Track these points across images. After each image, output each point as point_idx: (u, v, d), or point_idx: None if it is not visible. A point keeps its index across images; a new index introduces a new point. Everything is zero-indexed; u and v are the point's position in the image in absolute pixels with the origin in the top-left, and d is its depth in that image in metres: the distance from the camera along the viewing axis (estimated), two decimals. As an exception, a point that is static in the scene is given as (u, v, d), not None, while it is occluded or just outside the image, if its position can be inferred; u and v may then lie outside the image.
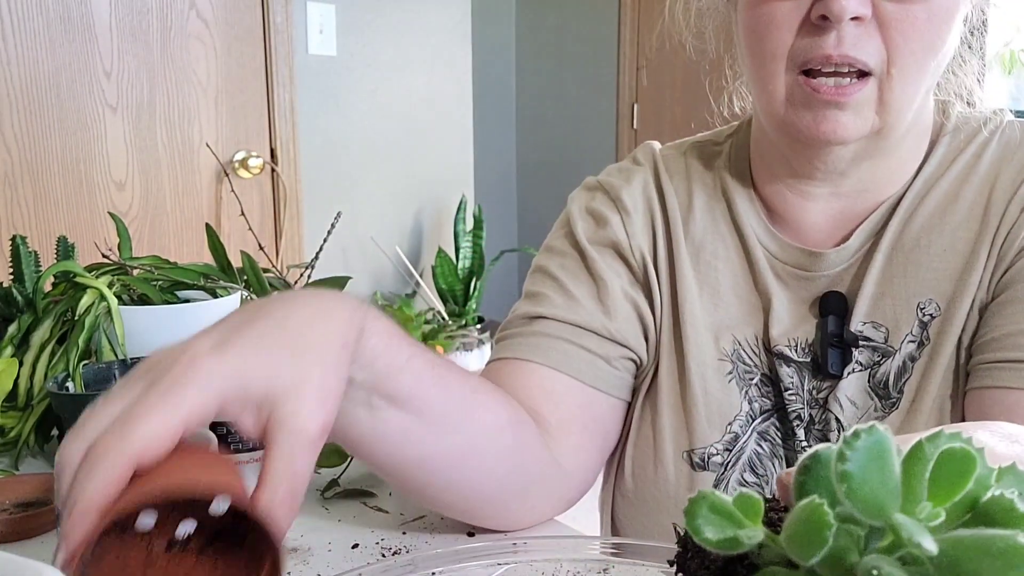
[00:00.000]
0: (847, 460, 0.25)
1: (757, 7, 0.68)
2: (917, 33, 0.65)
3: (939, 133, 0.76)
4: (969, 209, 0.72)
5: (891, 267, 0.73)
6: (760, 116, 0.75)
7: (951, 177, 0.74)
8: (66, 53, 2.19)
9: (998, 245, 0.70)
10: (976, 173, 0.73)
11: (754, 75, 0.71)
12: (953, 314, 0.70)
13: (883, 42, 0.65)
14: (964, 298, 0.70)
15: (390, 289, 3.08)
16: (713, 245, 0.79)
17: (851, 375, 0.73)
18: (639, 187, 0.82)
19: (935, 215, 0.73)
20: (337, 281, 1.04)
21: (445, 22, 3.03)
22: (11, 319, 0.93)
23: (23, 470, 0.87)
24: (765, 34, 0.68)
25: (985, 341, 0.68)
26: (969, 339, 0.70)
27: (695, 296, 0.78)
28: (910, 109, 0.69)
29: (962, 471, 0.26)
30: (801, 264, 0.76)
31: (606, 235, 0.80)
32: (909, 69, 0.66)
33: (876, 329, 0.73)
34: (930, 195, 0.73)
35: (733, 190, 0.80)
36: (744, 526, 0.28)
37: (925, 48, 0.66)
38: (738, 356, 0.77)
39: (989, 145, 0.74)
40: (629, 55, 3.46)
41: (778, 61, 0.68)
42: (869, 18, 0.64)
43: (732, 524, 0.28)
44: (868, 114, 0.67)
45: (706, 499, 0.29)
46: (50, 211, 2.22)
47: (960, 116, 0.76)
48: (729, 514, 0.28)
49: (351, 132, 2.83)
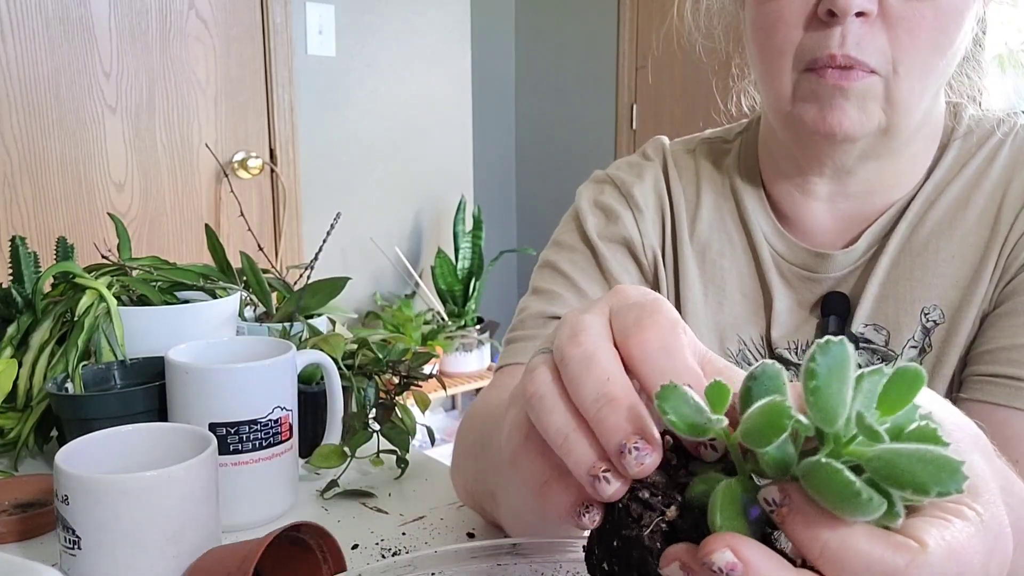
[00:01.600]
0: (816, 364, 0.29)
1: (765, 3, 0.68)
2: (924, 32, 0.64)
3: (950, 136, 0.75)
4: (979, 216, 0.71)
5: (897, 270, 0.72)
6: (768, 113, 0.75)
7: (962, 182, 0.72)
8: (65, 54, 2.18)
9: (1005, 254, 0.69)
10: (988, 178, 0.72)
11: (761, 72, 0.71)
12: (959, 323, 0.69)
13: (889, 41, 0.64)
14: (971, 308, 0.69)
15: (389, 290, 3.08)
16: (720, 244, 0.79)
17: None
18: (650, 183, 0.82)
19: (945, 220, 0.72)
20: (337, 282, 1.04)
21: (444, 23, 3.03)
22: (10, 320, 0.93)
23: (22, 471, 0.87)
24: (772, 30, 0.68)
25: (979, 353, 0.68)
26: (967, 349, 0.69)
27: (699, 296, 0.78)
28: (918, 109, 0.68)
29: (910, 386, 0.29)
30: (807, 265, 0.76)
31: (617, 231, 0.80)
32: (916, 68, 0.65)
33: (877, 332, 0.73)
34: (940, 199, 0.72)
35: (742, 189, 0.79)
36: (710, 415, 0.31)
37: (932, 47, 0.65)
38: (743, 356, 0.77)
39: (1002, 149, 0.73)
40: (628, 56, 3.46)
41: (785, 57, 0.67)
42: (875, 15, 0.64)
43: (699, 413, 0.31)
44: (874, 110, 0.66)
45: (677, 389, 0.31)
46: (49, 212, 2.22)
47: (972, 118, 0.75)
48: (697, 406, 0.31)
49: (350, 133, 2.83)
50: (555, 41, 3.74)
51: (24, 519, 0.74)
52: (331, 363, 0.85)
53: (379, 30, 2.83)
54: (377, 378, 0.93)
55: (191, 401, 0.74)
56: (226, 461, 0.73)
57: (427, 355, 0.92)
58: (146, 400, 0.79)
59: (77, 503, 0.58)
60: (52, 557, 0.67)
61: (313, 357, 0.83)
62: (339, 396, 0.86)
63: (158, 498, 0.58)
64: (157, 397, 0.79)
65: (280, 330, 0.98)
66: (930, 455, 0.27)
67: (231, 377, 0.73)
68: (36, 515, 0.75)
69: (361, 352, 0.95)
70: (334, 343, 0.92)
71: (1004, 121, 0.74)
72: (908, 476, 0.27)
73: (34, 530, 0.74)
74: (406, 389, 0.91)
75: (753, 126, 0.83)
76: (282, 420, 0.76)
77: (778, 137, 0.76)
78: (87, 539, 0.58)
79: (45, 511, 0.75)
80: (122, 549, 0.58)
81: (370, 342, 0.96)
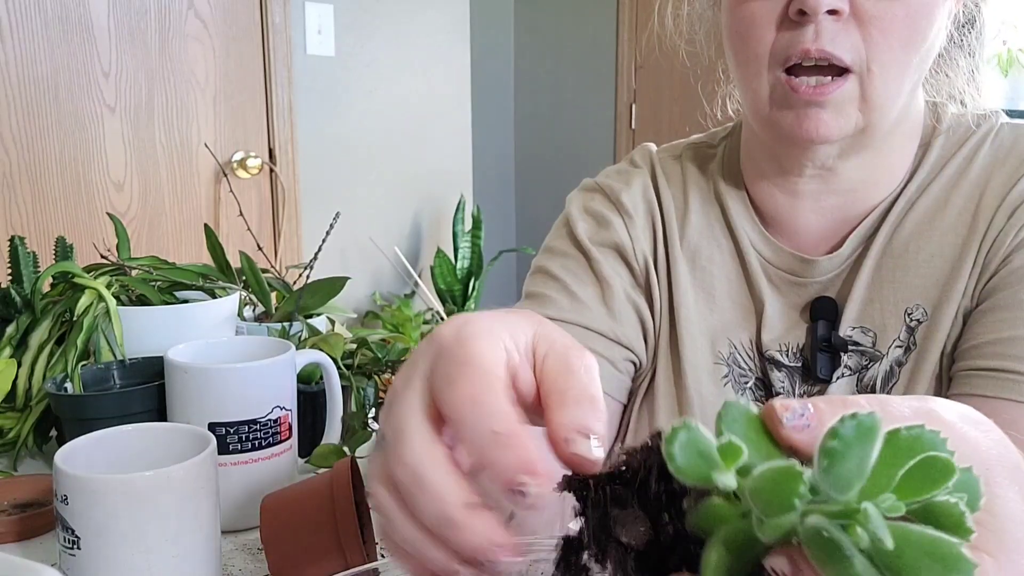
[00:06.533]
0: (837, 437, 0.26)
1: (737, 8, 0.69)
2: (895, 28, 0.65)
3: (932, 136, 0.75)
4: (958, 215, 0.72)
5: (880, 273, 0.73)
6: (747, 115, 0.76)
7: (942, 182, 0.73)
8: (64, 54, 2.18)
9: (984, 252, 0.70)
10: (967, 178, 0.73)
11: (739, 75, 0.72)
12: (939, 320, 0.70)
13: (862, 38, 0.65)
14: (950, 304, 0.70)
15: (389, 289, 3.08)
16: (709, 249, 0.80)
17: (840, 379, 0.74)
18: (639, 190, 0.82)
19: (924, 221, 0.73)
20: (336, 282, 1.04)
21: (443, 23, 3.03)
22: (9, 320, 0.93)
23: (22, 471, 0.87)
24: (746, 34, 0.69)
25: (966, 348, 0.68)
26: (952, 346, 0.70)
27: (691, 300, 0.79)
28: (894, 106, 0.69)
29: (935, 480, 0.26)
30: (794, 270, 0.76)
31: (608, 236, 0.80)
32: (889, 65, 0.66)
33: (864, 334, 0.73)
34: (920, 200, 0.73)
35: (726, 194, 0.80)
36: (719, 468, 0.28)
37: (904, 43, 0.65)
38: (733, 360, 0.77)
39: (981, 149, 0.73)
40: (627, 56, 3.46)
41: (760, 60, 0.68)
42: (847, 14, 0.64)
43: (708, 463, 0.28)
44: (851, 112, 0.67)
45: (689, 430, 0.28)
46: (48, 212, 2.22)
47: (953, 118, 0.76)
48: (708, 454, 0.28)
49: (349, 132, 2.83)
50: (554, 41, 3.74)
51: (23, 519, 0.74)
52: (330, 363, 0.85)
53: (378, 30, 2.83)
54: (376, 378, 0.94)
55: (190, 401, 0.74)
56: (225, 461, 0.73)
57: (426, 355, 0.92)
58: (145, 400, 0.79)
59: (76, 503, 0.58)
60: (52, 557, 0.66)
61: (312, 357, 0.83)
62: (338, 396, 0.86)
63: (158, 498, 0.58)
64: (156, 397, 0.79)
65: (279, 330, 0.98)
66: (940, 551, 0.24)
67: (230, 377, 0.73)
68: (35, 515, 0.75)
69: (360, 352, 0.95)
70: (333, 343, 0.92)
71: (986, 118, 0.75)
72: (911, 571, 0.24)
73: (33, 530, 0.74)
74: (405, 389, 0.90)
75: (736, 130, 0.84)
76: (281, 420, 0.76)
77: (759, 138, 0.76)
78: (86, 539, 0.58)
79: (44, 511, 0.75)
80: (121, 549, 0.58)
81: (369, 342, 0.96)
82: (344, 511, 0.61)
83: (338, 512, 0.61)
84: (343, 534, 0.61)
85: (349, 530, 0.61)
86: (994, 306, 0.68)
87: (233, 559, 0.72)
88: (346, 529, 0.61)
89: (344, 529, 0.61)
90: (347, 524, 0.61)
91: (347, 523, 0.61)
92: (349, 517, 0.61)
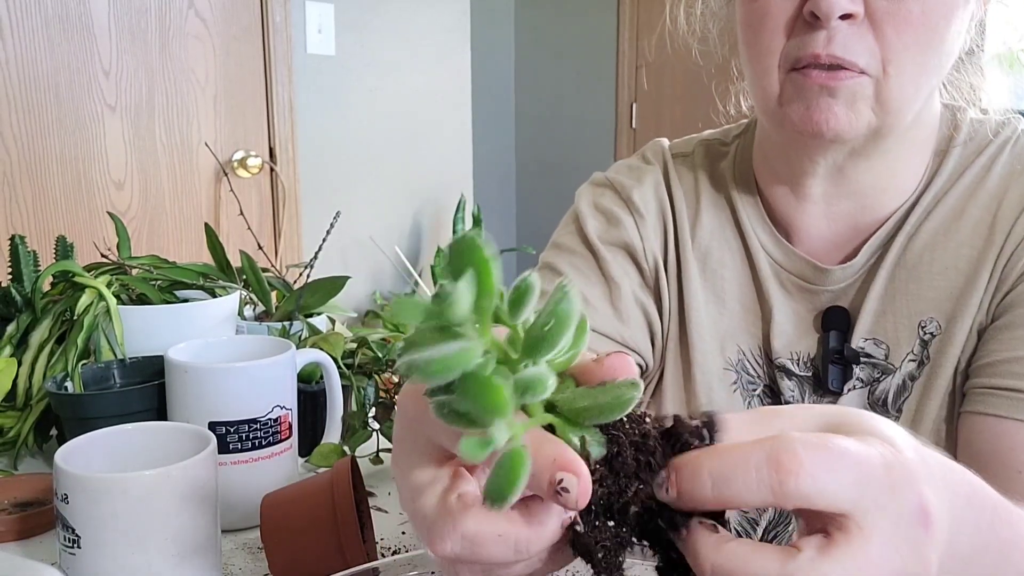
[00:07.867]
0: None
1: (751, 1, 0.68)
2: (912, 29, 0.63)
3: (949, 144, 0.73)
4: (974, 227, 0.70)
5: (894, 284, 0.71)
6: (758, 111, 0.74)
7: (958, 192, 0.71)
8: (64, 53, 2.18)
9: (1000, 266, 0.68)
10: (984, 188, 0.70)
11: (750, 71, 0.71)
12: (953, 334, 0.69)
13: (877, 40, 0.63)
14: (964, 318, 0.68)
15: (389, 289, 3.08)
16: (719, 252, 0.78)
17: (851, 392, 0.72)
18: (651, 188, 0.81)
19: (939, 232, 0.71)
20: (336, 281, 1.04)
21: (444, 22, 3.03)
22: (10, 319, 0.93)
23: (22, 470, 0.87)
24: (760, 28, 0.67)
25: (980, 365, 0.67)
26: (966, 362, 0.69)
27: (701, 303, 0.77)
28: (910, 110, 0.67)
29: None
30: (805, 276, 0.75)
31: (619, 235, 0.79)
32: (906, 67, 0.64)
33: (877, 346, 0.72)
34: (936, 210, 0.71)
35: (738, 195, 0.78)
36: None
37: (921, 45, 0.64)
38: (742, 367, 0.76)
39: (999, 158, 0.71)
40: (628, 55, 3.46)
41: (772, 57, 0.67)
42: (862, 17, 0.63)
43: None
44: (863, 110, 0.65)
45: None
46: (49, 211, 2.22)
47: (972, 124, 0.74)
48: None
49: (350, 132, 2.83)
50: (555, 40, 3.74)
51: (24, 518, 0.74)
52: (331, 362, 0.85)
53: (379, 29, 2.83)
54: (377, 377, 0.94)
55: (191, 400, 0.74)
56: (226, 460, 0.73)
57: (427, 354, 0.92)
58: (145, 399, 0.79)
59: (77, 502, 0.58)
60: (52, 556, 0.66)
61: (313, 356, 0.83)
62: (339, 395, 0.86)
63: (158, 497, 0.58)
64: (156, 396, 0.79)
65: (280, 329, 0.98)
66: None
67: (231, 376, 0.73)
68: (36, 514, 0.75)
69: (361, 351, 0.95)
70: (334, 342, 0.92)
71: (1005, 125, 0.73)
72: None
73: (34, 529, 0.74)
74: (406, 388, 0.90)
75: (750, 129, 0.82)
76: (281, 419, 0.76)
77: (772, 138, 0.75)
78: (86, 538, 0.58)
79: (45, 510, 0.75)
80: (121, 548, 0.58)
81: (370, 341, 0.96)
82: (344, 511, 0.61)
83: (338, 512, 0.61)
84: (343, 534, 0.61)
85: (349, 530, 0.61)
86: (1010, 323, 0.66)
87: (233, 559, 0.72)
88: (346, 529, 0.61)
89: (344, 529, 0.61)
90: (347, 524, 0.61)
91: (347, 523, 0.61)
92: (349, 517, 0.61)
